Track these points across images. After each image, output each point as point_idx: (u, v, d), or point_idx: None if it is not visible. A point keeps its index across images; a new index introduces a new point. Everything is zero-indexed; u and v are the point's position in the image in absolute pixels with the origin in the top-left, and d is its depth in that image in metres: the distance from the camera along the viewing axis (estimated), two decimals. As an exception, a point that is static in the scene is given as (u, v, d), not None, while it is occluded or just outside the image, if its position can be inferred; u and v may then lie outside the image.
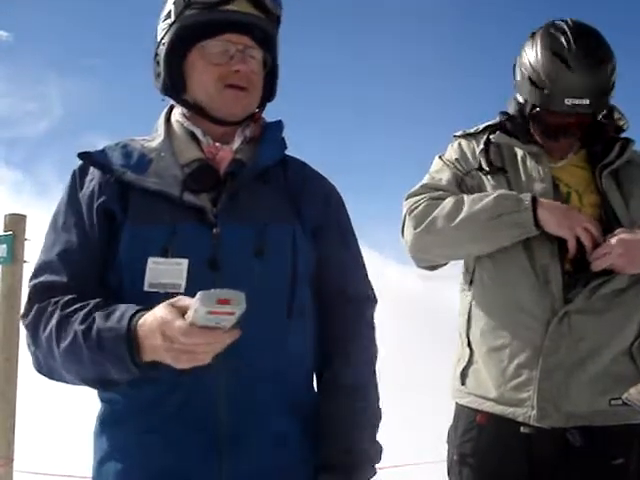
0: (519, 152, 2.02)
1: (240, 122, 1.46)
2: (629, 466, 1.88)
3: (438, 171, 2.07)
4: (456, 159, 2.06)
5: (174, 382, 1.26)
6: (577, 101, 1.85)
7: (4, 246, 4.02)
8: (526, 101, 1.97)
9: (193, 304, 1.10)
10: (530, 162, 1.99)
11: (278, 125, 1.52)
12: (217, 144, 1.43)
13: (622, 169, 1.99)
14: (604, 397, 1.87)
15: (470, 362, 2.00)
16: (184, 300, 1.17)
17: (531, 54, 1.94)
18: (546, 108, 1.91)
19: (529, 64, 1.93)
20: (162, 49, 1.43)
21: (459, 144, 2.09)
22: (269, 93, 1.51)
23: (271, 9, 1.43)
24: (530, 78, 1.92)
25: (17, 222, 4.09)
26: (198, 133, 1.43)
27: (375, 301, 1.52)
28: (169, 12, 1.43)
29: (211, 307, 1.07)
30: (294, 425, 1.37)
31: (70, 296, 1.29)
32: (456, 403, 2.05)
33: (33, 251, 3.99)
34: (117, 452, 1.32)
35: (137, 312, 1.22)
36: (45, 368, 1.33)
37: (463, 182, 2.03)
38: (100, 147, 1.45)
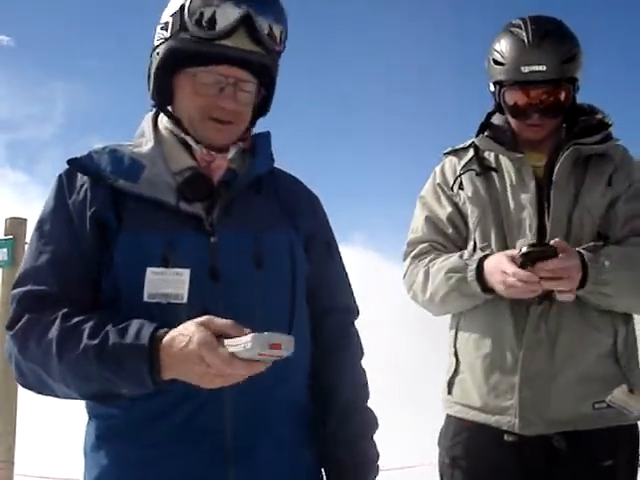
0: (502, 158, 2.03)
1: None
2: (617, 467, 1.89)
3: (416, 218, 2.14)
4: (438, 184, 2.11)
5: (185, 393, 1.25)
6: (534, 67, 1.90)
7: (5, 250, 4.03)
8: (495, 85, 2.00)
9: (243, 340, 1.11)
10: (513, 169, 2.00)
11: (267, 137, 1.51)
12: (212, 152, 1.40)
13: (594, 159, 1.98)
14: (587, 401, 1.87)
15: (456, 372, 2.03)
16: (215, 321, 1.17)
17: (494, 42, 2.02)
18: (506, 79, 1.95)
19: (492, 49, 2.01)
20: (155, 61, 1.39)
21: (442, 167, 2.13)
22: (263, 110, 1.47)
23: (271, 47, 1.37)
24: (494, 59, 1.99)
25: (17, 226, 4.10)
26: (191, 141, 1.40)
27: (358, 312, 1.55)
28: (167, 23, 1.38)
29: (263, 350, 1.10)
30: (297, 432, 1.38)
31: (67, 308, 1.26)
32: (446, 413, 2.07)
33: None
34: (119, 466, 1.29)
35: (156, 329, 1.20)
36: (33, 381, 1.28)
37: (437, 218, 2.08)
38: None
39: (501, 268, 1.82)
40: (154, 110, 1.47)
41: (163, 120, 1.44)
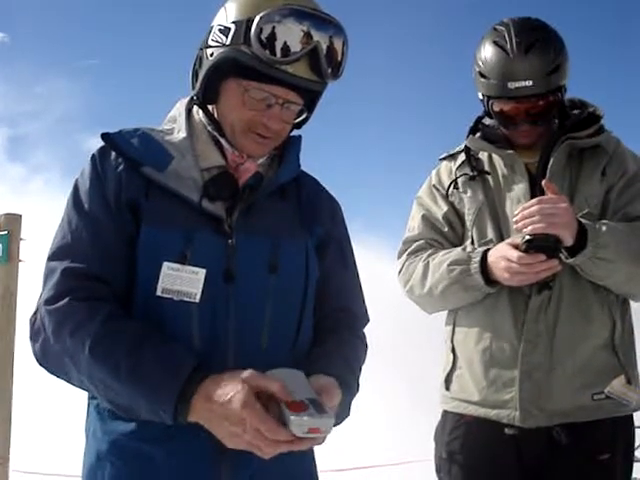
0: (495, 157, 2.06)
1: None
2: (615, 460, 1.91)
3: (412, 217, 2.18)
4: (434, 185, 2.14)
5: None
6: (519, 84, 1.90)
7: (-1, 245, 4.00)
8: (483, 95, 2.01)
9: (286, 418, 1.11)
10: (506, 165, 2.02)
11: (298, 142, 1.50)
12: (243, 155, 1.40)
13: (589, 151, 2.00)
14: (586, 392, 1.89)
15: (454, 367, 2.04)
16: (258, 379, 1.17)
17: (479, 50, 2.01)
18: (495, 96, 1.96)
19: (477, 59, 2.00)
20: (207, 61, 1.37)
21: (438, 170, 2.17)
22: (299, 124, 1.47)
23: (329, 79, 1.36)
24: (480, 72, 1.99)
25: (12, 221, 4.07)
26: (224, 143, 1.40)
27: (368, 321, 1.54)
28: (227, 29, 1.34)
29: (301, 434, 1.11)
30: None
31: (109, 306, 1.26)
32: (443, 410, 2.07)
33: (29, 250, 3.99)
34: (115, 456, 1.29)
35: (195, 371, 1.19)
36: (53, 361, 1.28)
37: (433, 216, 2.11)
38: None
39: (505, 255, 1.83)
40: (188, 98, 1.46)
41: (199, 113, 1.44)
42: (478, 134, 2.11)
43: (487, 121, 2.12)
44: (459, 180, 2.08)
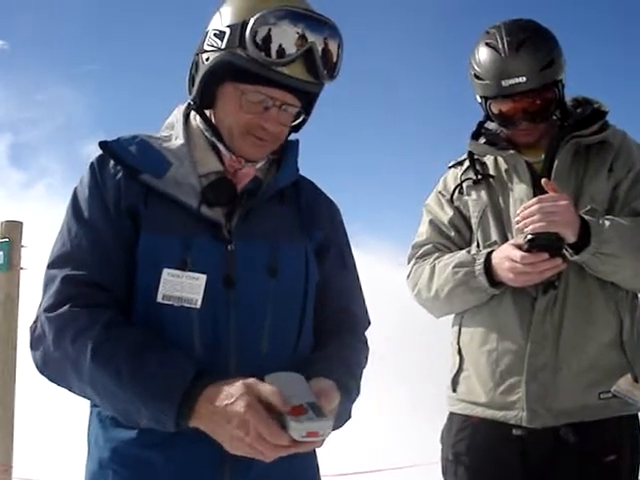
0: (499, 160, 2.07)
1: None
2: (621, 462, 1.90)
3: (421, 223, 2.21)
4: (440, 192, 2.17)
5: None
6: (513, 80, 1.92)
7: (0, 253, 4.01)
8: (480, 97, 2.03)
9: (285, 422, 1.12)
10: (508, 166, 2.03)
11: (295, 147, 1.50)
12: (241, 160, 1.41)
13: (595, 148, 2.00)
14: (593, 391, 1.88)
15: (460, 369, 2.04)
16: (260, 387, 1.16)
17: (473, 54, 2.03)
18: (491, 96, 1.98)
19: (472, 62, 2.02)
20: (203, 66, 1.37)
21: (445, 177, 2.20)
22: (297, 127, 1.47)
23: (326, 80, 1.37)
24: (475, 74, 2.01)
25: (13, 229, 4.08)
26: (222, 148, 1.41)
27: (369, 324, 1.54)
28: (222, 33, 1.34)
29: (300, 438, 1.12)
30: None
31: (110, 313, 1.26)
32: (449, 412, 2.07)
33: (30, 258, 3.99)
34: (117, 465, 1.29)
35: (198, 376, 1.19)
36: (53, 369, 1.28)
37: (440, 221, 2.14)
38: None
39: (509, 256, 1.84)
40: (186, 104, 1.46)
41: (196, 119, 1.44)
42: (482, 139, 2.11)
43: (489, 125, 2.13)
44: (464, 185, 2.10)
